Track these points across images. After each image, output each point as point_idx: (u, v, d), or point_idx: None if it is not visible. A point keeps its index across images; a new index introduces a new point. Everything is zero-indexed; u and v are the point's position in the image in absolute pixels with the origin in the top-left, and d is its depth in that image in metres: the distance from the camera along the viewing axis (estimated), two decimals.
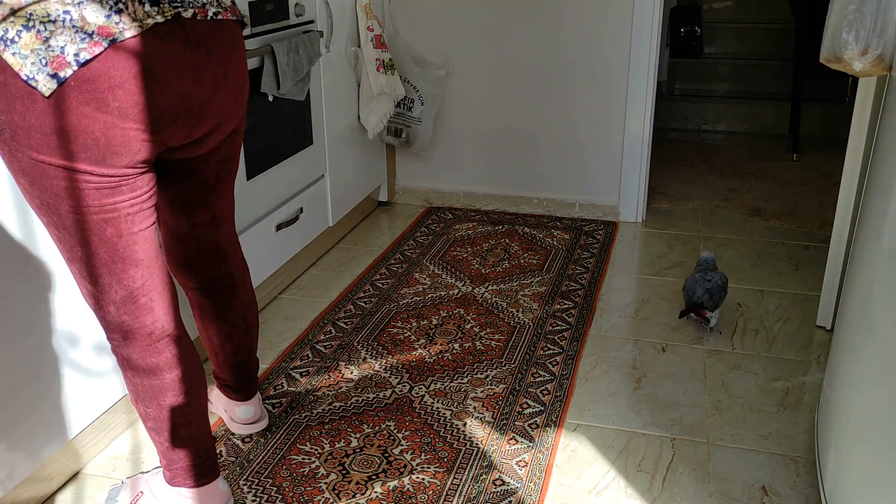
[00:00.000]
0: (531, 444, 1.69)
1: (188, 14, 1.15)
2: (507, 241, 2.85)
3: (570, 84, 2.98)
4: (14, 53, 1.03)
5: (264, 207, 2.25)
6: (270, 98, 2.19)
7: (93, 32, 1.05)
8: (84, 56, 1.05)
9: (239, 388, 1.68)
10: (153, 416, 1.33)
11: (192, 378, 1.34)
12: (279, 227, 2.31)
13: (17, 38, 1.03)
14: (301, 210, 2.44)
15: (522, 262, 2.65)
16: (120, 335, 1.27)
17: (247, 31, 2.07)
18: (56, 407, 1.51)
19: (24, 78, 1.04)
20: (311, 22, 2.43)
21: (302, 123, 2.41)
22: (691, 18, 4.66)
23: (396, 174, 3.30)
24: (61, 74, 1.04)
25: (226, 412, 1.74)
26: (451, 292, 2.42)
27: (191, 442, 1.37)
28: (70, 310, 1.51)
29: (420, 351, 2.08)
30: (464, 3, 2.98)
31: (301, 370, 1.99)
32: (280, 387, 1.92)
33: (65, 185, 1.12)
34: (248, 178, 2.14)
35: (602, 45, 2.90)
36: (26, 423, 1.44)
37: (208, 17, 1.18)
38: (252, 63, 2.09)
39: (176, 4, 1.13)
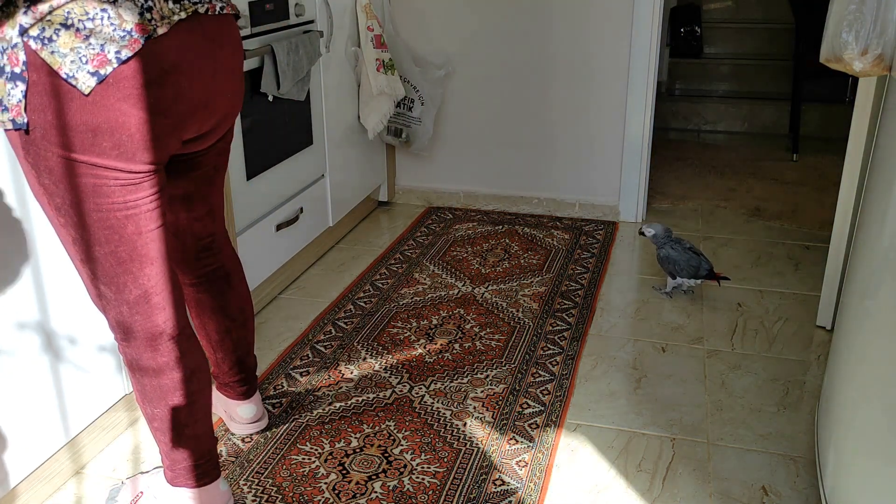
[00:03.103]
0: (531, 444, 1.69)
1: (203, 10, 1.18)
2: (507, 241, 2.85)
3: (570, 84, 2.98)
4: (53, 52, 1.05)
5: (264, 207, 2.25)
6: (270, 98, 2.19)
7: (131, 30, 1.07)
8: (125, 53, 1.07)
9: (239, 387, 1.68)
10: (160, 417, 1.33)
11: (199, 377, 1.34)
12: (279, 227, 2.31)
13: (55, 37, 1.04)
14: (301, 210, 2.44)
15: (522, 262, 2.65)
16: (130, 335, 1.27)
17: (247, 31, 2.08)
18: (56, 407, 1.51)
19: (64, 76, 1.05)
20: (311, 22, 2.43)
21: (302, 123, 2.41)
22: (691, 18, 4.67)
23: (396, 174, 3.30)
24: (102, 72, 1.06)
25: (226, 412, 1.74)
26: (451, 292, 2.42)
27: (195, 442, 1.37)
28: (70, 310, 1.51)
29: (420, 351, 2.08)
30: (464, 3, 2.98)
31: (301, 370, 2.00)
32: (280, 387, 1.92)
33: (93, 183, 1.13)
34: (248, 178, 2.14)
35: (602, 45, 2.90)
36: (26, 423, 1.44)
37: (217, 12, 1.21)
38: (252, 63, 2.09)
39: (194, 0, 1.16)
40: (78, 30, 1.05)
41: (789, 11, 4.22)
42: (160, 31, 1.10)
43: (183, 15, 1.13)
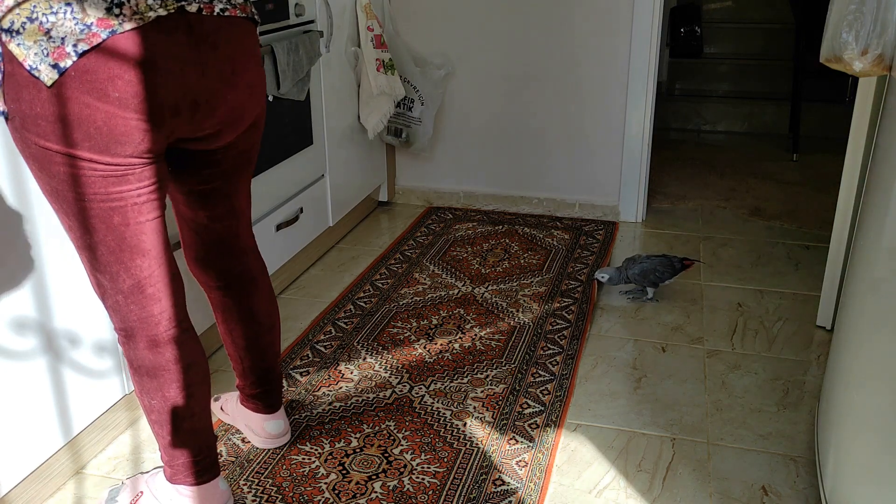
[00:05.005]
0: (531, 444, 1.69)
1: (193, 9, 1.16)
2: (507, 241, 2.85)
3: (570, 84, 2.98)
4: (19, 44, 1.07)
5: (264, 207, 2.25)
6: (270, 98, 2.19)
7: (91, 24, 1.07)
8: (82, 47, 1.07)
9: (267, 398, 1.64)
10: (157, 409, 1.33)
11: (196, 370, 1.34)
12: (279, 227, 2.31)
13: (21, 30, 1.07)
14: (301, 210, 2.44)
15: (522, 262, 2.65)
16: (127, 325, 1.28)
17: None
18: (56, 407, 1.51)
19: (28, 68, 1.08)
20: (311, 22, 2.43)
21: (302, 123, 2.41)
22: (691, 18, 4.66)
23: (396, 174, 3.30)
24: (61, 65, 1.07)
25: (247, 426, 1.69)
26: (451, 292, 2.42)
27: (193, 436, 1.37)
28: (70, 310, 1.51)
29: (420, 351, 2.08)
30: (464, 3, 2.98)
31: (301, 370, 2.00)
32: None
33: (71, 173, 1.14)
34: None
35: (602, 45, 2.90)
36: (26, 423, 1.44)
37: (215, 13, 1.19)
38: None
39: None
40: (41, 23, 1.07)
41: (789, 11, 4.21)
42: (126, 26, 1.09)
43: (162, 12, 1.12)
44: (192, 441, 1.37)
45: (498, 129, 3.12)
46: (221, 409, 1.77)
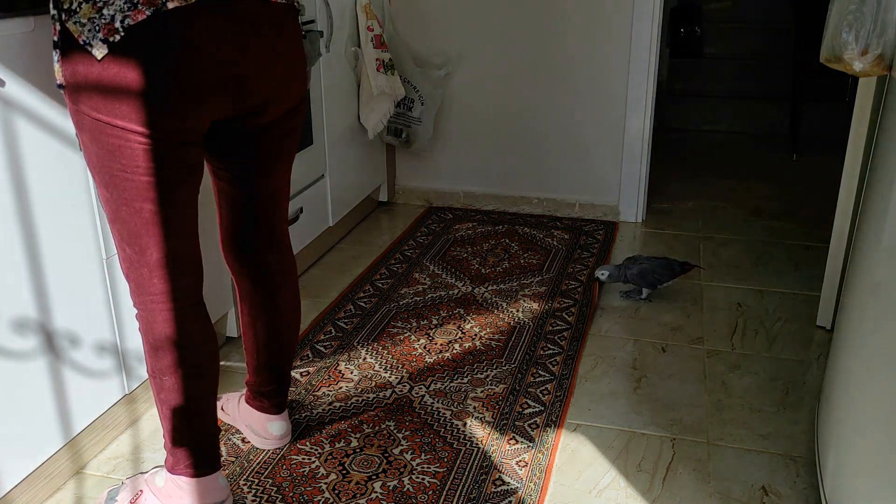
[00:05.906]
0: (531, 444, 1.69)
1: None
2: (507, 241, 2.85)
3: (571, 84, 2.98)
4: (75, 22, 1.15)
5: None
6: None
7: (138, 2, 1.14)
8: (128, 22, 1.14)
9: (275, 397, 1.64)
10: (167, 386, 1.34)
11: (209, 349, 1.37)
12: None
13: (78, 9, 1.15)
14: (301, 210, 2.44)
15: (522, 262, 2.65)
16: (148, 300, 1.31)
17: None
18: (56, 407, 1.51)
19: (82, 43, 1.15)
20: (312, 22, 2.43)
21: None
22: (691, 18, 4.66)
23: (396, 174, 3.30)
24: (110, 40, 1.14)
25: (249, 427, 1.69)
26: (451, 292, 2.42)
27: (198, 420, 1.38)
28: (70, 310, 1.51)
29: (420, 351, 2.08)
30: (464, 3, 2.98)
31: (301, 370, 2.00)
32: None
33: (118, 144, 1.20)
34: None
35: (602, 45, 2.90)
36: (26, 423, 1.44)
37: None
38: None
39: None
40: (94, 2, 1.14)
41: (789, 11, 4.22)
42: (170, 4, 1.14)
43: None
44: (197, 425, 1.38)
45: (498, 129, 3.12)
46: (222, 409, 1.77)
